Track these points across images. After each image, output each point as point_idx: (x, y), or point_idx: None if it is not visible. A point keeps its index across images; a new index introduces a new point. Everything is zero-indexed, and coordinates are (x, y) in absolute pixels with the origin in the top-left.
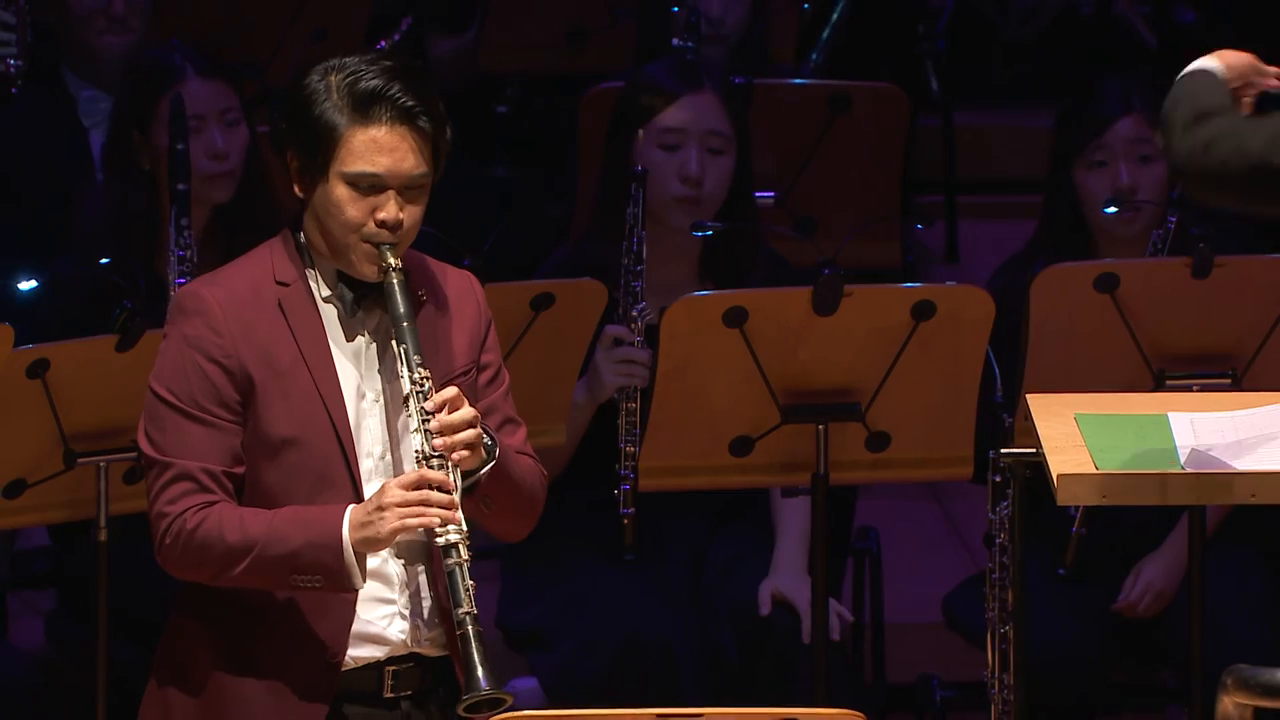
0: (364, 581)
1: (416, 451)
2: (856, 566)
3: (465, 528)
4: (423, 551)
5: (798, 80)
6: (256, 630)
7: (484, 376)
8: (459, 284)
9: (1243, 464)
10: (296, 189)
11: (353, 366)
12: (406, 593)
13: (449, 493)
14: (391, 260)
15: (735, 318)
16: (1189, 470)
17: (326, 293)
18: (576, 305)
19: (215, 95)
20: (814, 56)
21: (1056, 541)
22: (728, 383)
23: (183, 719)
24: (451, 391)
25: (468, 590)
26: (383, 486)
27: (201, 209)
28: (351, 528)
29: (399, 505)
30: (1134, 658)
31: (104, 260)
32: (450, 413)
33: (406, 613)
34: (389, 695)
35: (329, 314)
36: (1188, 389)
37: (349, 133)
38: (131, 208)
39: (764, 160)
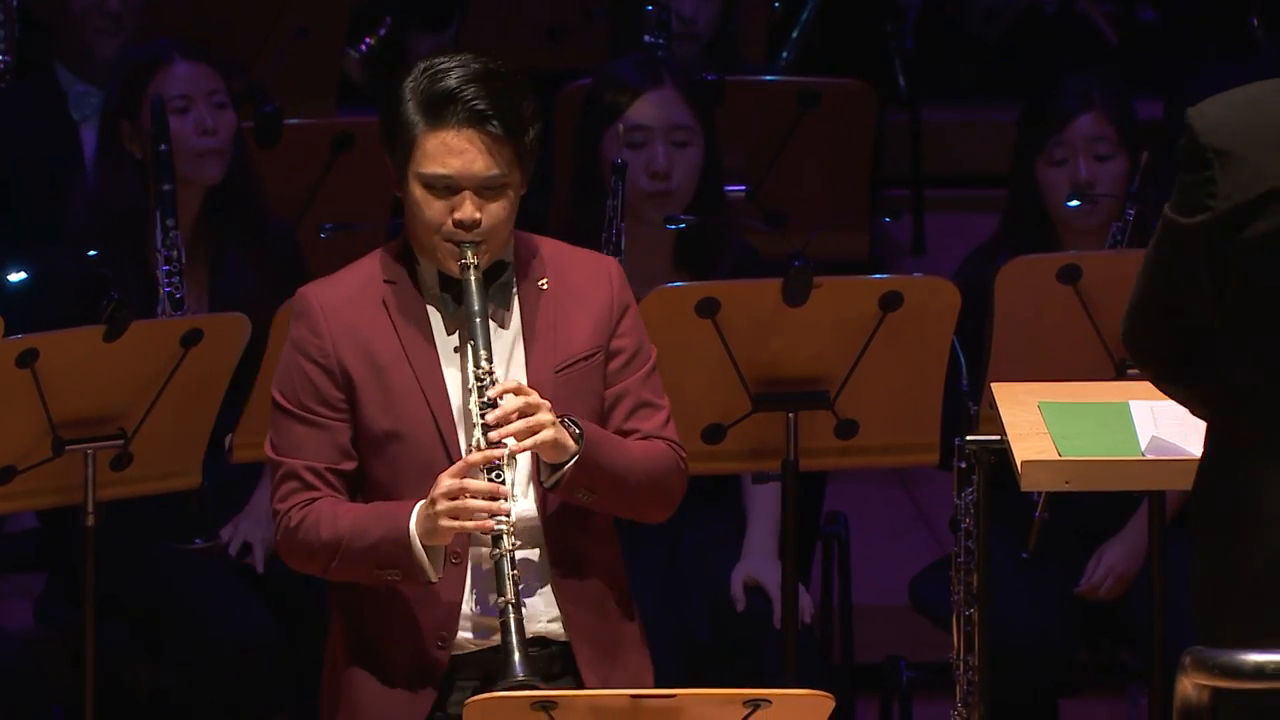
0: (438, 574)
1: (473, 444)
2: (825, 551)
3: (513, 517)
4: (536, 535)
5: (768, 77)
6: (374, 619)
7: (617, 361)
8: (594, 268)
9: (1200, 450)
10: (395, 188)
11: (458, 361)
12: (522, 576)
13: (498, 482)
14: (470, 258)
15: (707, 308)
16: (1149, 457)
17: (433, 290)
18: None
19: (202, 77)
20: (784, 54)
21: (1020, 526)
22: (700, 372)
23: (330, 706)
24: (511, 384)
25: (511, 578)
26: (436, 480)
27: (193, 194)
28: (418, 521)
29: (445, 497)
30: (1095, 639)
31: (92, 252)
32: (508, 403)
33: (523, 597)
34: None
35: (434, 312)
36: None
37: (422, 135)
38: (121, 199)
39: (735, 155)
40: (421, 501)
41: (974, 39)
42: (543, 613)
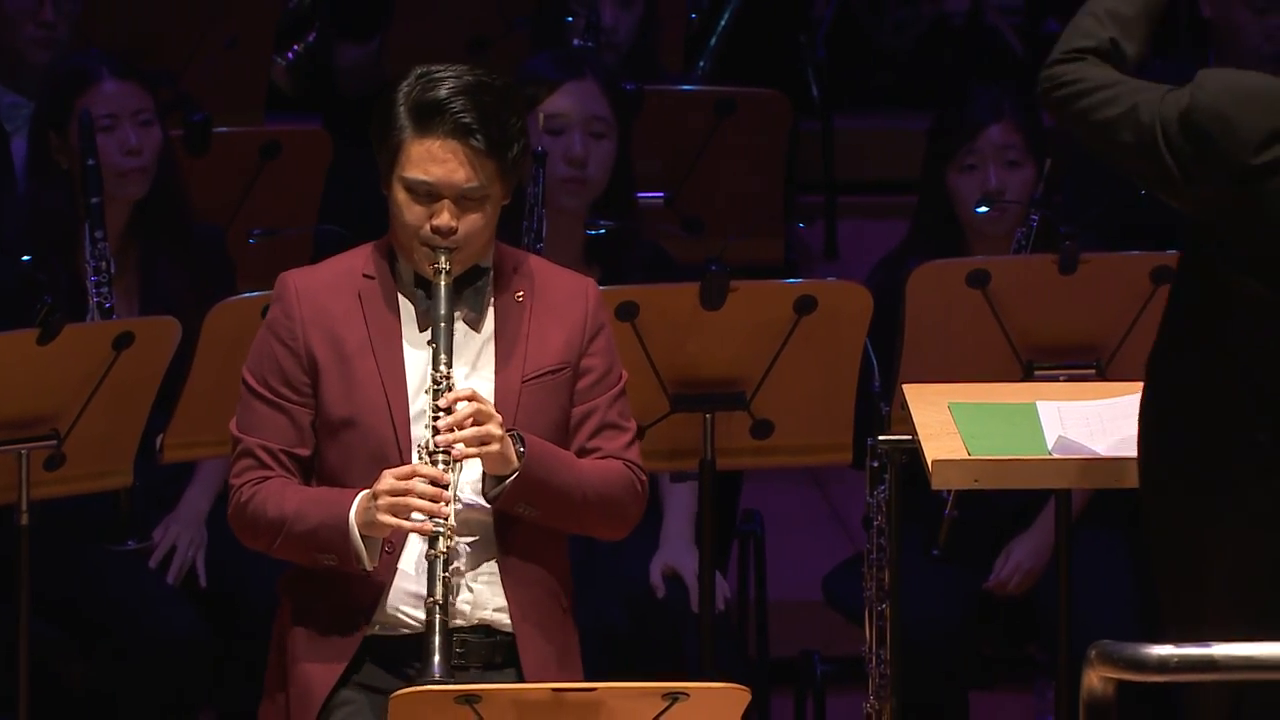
0: (374, 563)
1: (419, 445)
2: (741, 548)
3: (453, 522)
4: (486, 528)
5: (686, 86)
6: (308, 590)
7: (586, 380)
8: (573, 287)
9: (1106, 449)
10: (383, 187)
11: (425, 359)
12: (471, 565)
13: (441, 485)
14: (443, 263)
15: (626, 312)
16: (1056, 456)
17: (408, 288)
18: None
19: (129, 95)
20: (701, 64)
21: (931, 524)
22: None
23: (273, 678)
24: (465, 391)
25: (442, 580)
26: (380, 475)
27: (120, 207)
28: (357, 511)
29: (389, 494)
30: (1004, 633)
31: (26, 258)
32: (459, 410)
33: (470, 584)
34: (456, 664)
35: (408, 308)
36: (1055, 379)
37: (409, 141)
38: (50, 207)
39: (653, 162)
40: (364, 492)
41: (885, 50)
42: (489, 601)
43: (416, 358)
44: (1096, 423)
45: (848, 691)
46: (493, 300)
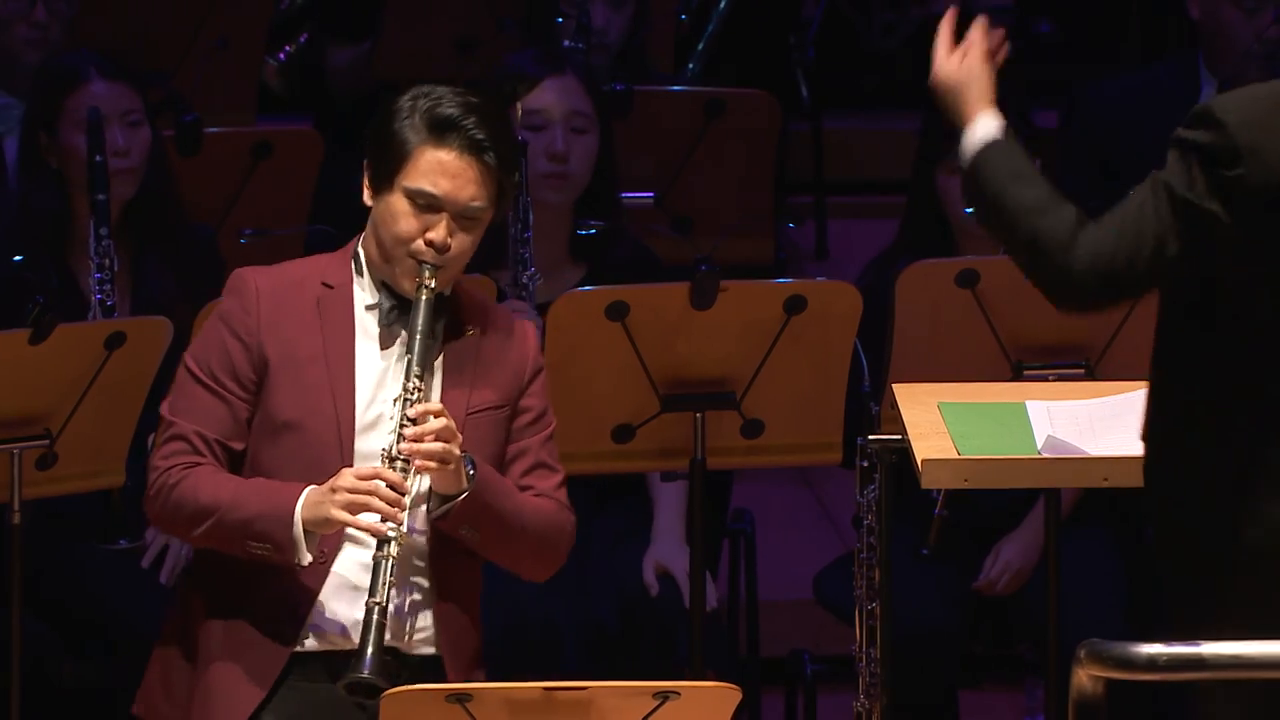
0: (310, 558)
1: (383, 450)
2: (732, 547)
3: (405, 530)
4: (406, 549)
5: (675, 87)
6: (230, 601)
7: (522, 419)
8: (516, 329)
9: (1095, 449)
10: (366, 196)
11: (377, 373)
12: (405, 588)
13: (400, 493)
14: (429, 280)
15: (617, 311)
16: (1045, 455)
17: (369, 301)
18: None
19: (118, 96)
20: (691, 65)
21: (920, 523)
22: (610, 373)
23: (162, 675)
24: (435, 406)
25: (386, 584)
26: (339, 472)
27: (111, 204)
28: (305, 505)
29: (348, 490)
30: (993, 633)
31: (18, 258)
32: (427, 423)
33: (394, 608)
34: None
35: (365, 321)
36: (1044, 379)
37: (419, 150)
38: (41, 208)
39: (643, 163)
40: (312, 486)
41: (874, 51)
42: (415, 628)
43: (368, 372)
44: (1085, 422)
45: (838, 690)
46: (445, 331)
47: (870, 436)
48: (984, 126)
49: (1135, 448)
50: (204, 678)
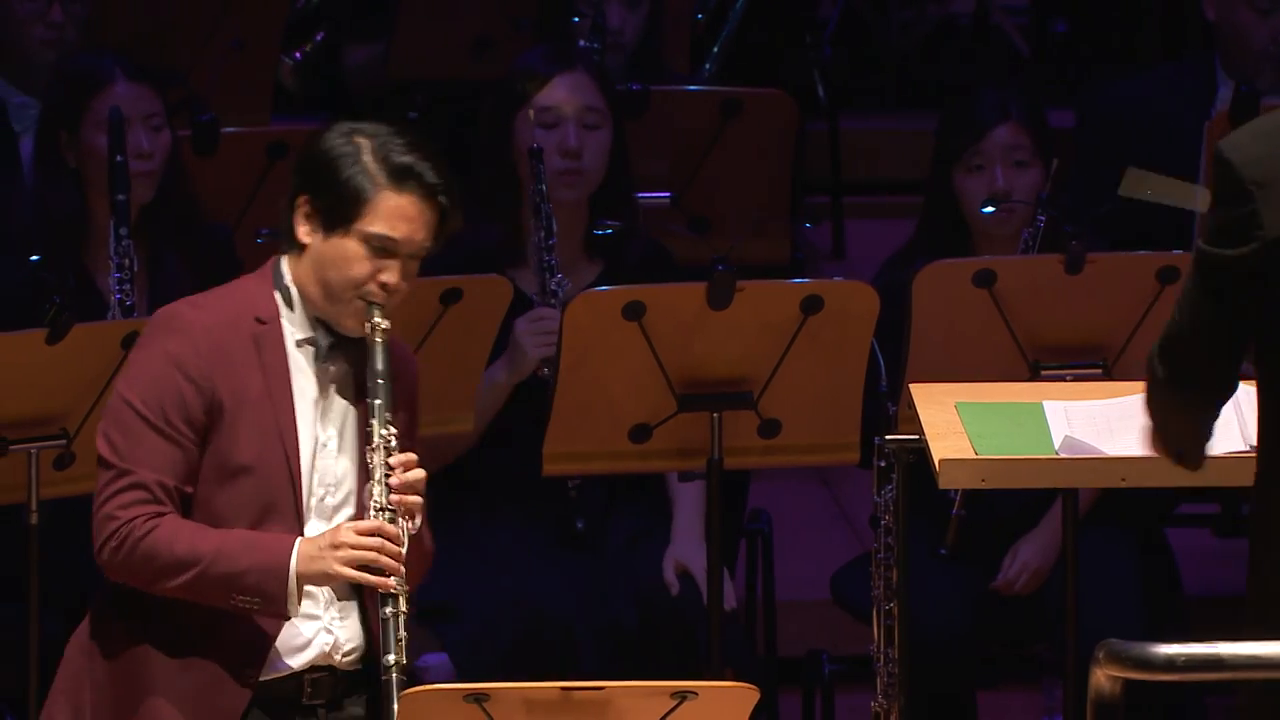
0: (298, 611)
1: (374, 502)
2: (749, 547)
3: (406, 584)
4: (352, 586)
5: (692, 87)
6: (178, 640)
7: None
8: (402, 358)
9: (1113, 449)
10: (302, 233)
11: (313, 410)
12: (332, 609)
13: (399, 545)
14: (379, 320)
15: (633, 311)
16: (1063, 455)
17: (299, 336)
18: (483, 300)
19: (141, 99)
20: (707, 65)
21: (938, 523)
22: (627, 373)
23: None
24: (413, 456)
25: (400, 642)
26: (338, 527)
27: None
28: (300, 559)
29: (353, 547)
30: (1011, 633)
31: (35, 258)
32: (410, 473)
33: (331, 628)
34: (306, 702)
35: (297, 358)
36: (1061, 379)
37: (380, 196)
38: (59, 207)
39: (660, 163)
40: (303, 539)
41: (891, 50)
42: (348, 648)
43: (305, 411)
44: (1103, 422)
45: (856, 690)
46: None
47: (887, 436)
48: None
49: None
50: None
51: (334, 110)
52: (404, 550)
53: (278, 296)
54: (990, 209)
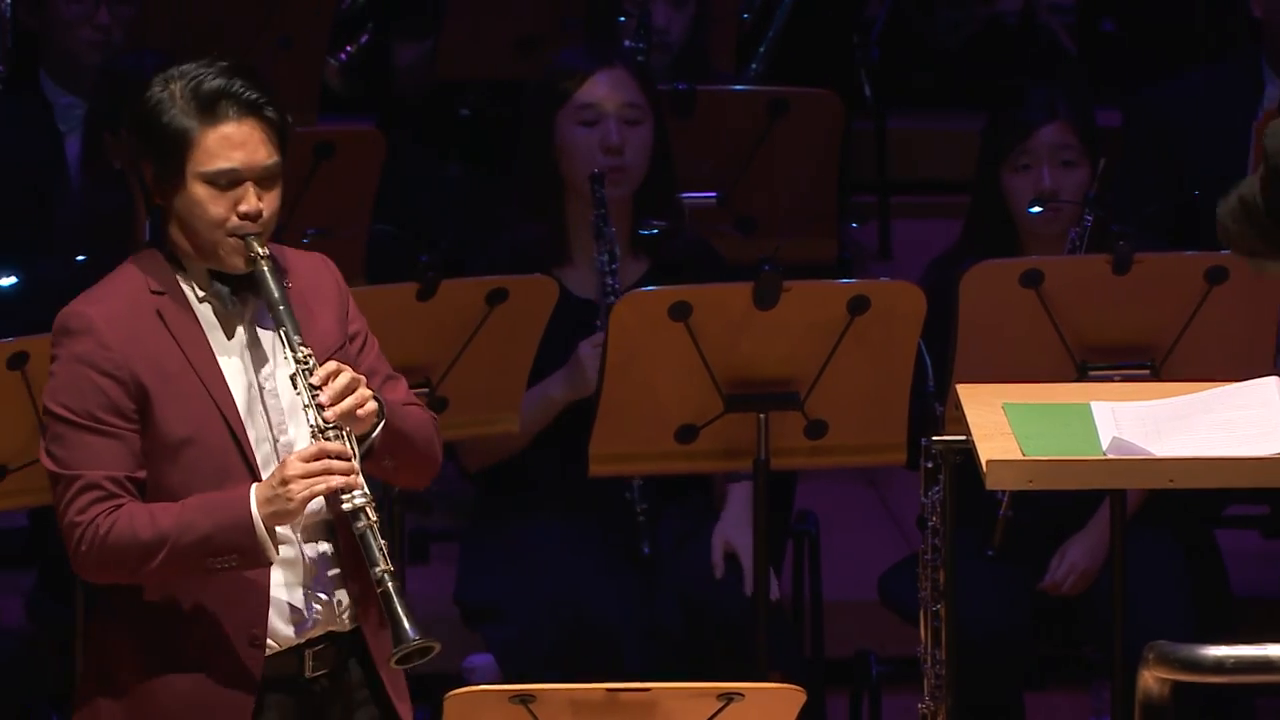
0: (277, 554)
1: (311, 426)
2: (796, 548)
3: (369, 491)
4: (326, 530)
5: (738, 87)
6: (176, 625)
7: (355, 344)
8: (312, 262)
9: (1161, 450)
10: (157, 198)
11: (238, 359)
12: (316, 571)
13: (348, 459)
14: (259, 249)
15: (680, 312)
16: (1110, 456)
17: (201, 294)
18: (528, 300)
19: None
20: (754, 65)
21: (985, 524)
22: (673, 373)
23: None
24: (332, 365)
25: (381, 549)
26: (283, 461)
27: None
28: (259, 504)
29: (302, 476)
30: (1059, 634)
31: (81, 258)
32: (335, 383)
33: (320, 592)
34: (309, 676)
35: (206, 314)
36: (1109, 379)
37: (200, 134)
38: (104, 207)
39: (706, 163)
40: (256, 485)
41: (937, 50)
42: (343, 607)
43: (231, 363)
44: (1151, 423)
45: (903, 691)
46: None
47: (934, 437)
48: None
49: (1201, 449)
50: (171, 713)
51: (380, 110)
52: (356, 461)
53: (167, 265)
54: (1037, 209)
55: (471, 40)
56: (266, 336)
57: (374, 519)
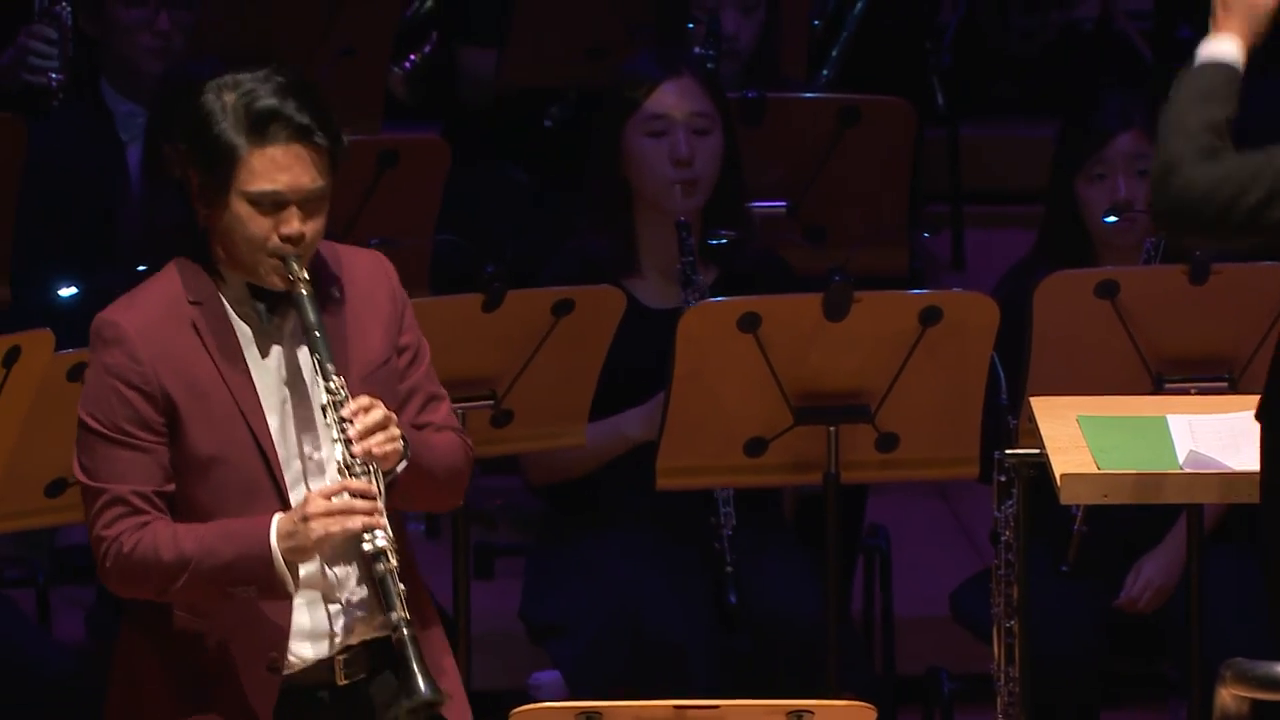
0: (297, 588)
1: (338, 461)
2: (867, 563)
3: (391, 533)
4: (354, 551)
5: (809, 94)
6: (198, 644)
7: (404, 357)
8: (370, 268)
9: (1238, 464)
10: (200, 207)
11: (273, 376)
12: (344, 590)
13: (371, 499)
14: (298, 272)
15: (748, 323)
16: (1187, 470)
17: (240, 306)
18: (596, 311)
19: None
20: (824, 72)
21: (1059, 539)
22: (742, 386)
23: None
24: (365, 400)
25: (399, 595)
26: (305, 497)
27: None
28: (279, 537)
29: (323, 515)
30: (1135, 652)
31: (141, 267)
32: (366, 419)
33: (348, 609)
34: (343, 683)
35: (242, 328)
36: (1185, 392)
37: (247, 153)
38: (166, 217)
39: (776, 171)
40: (279, 516)
41: (1011, 56)
42: (374, 619)
43: (266, 379)
44: (1228, 436)
45: (976, 710)
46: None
47: (1008, 450)
48: (1223, 46)
49: None
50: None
51: (445, 118)
52: (380, 500)
53: (206, 275)
54: (1113, 218)
55: (539, 48)
56: (304, 352)
57: (394, 564)
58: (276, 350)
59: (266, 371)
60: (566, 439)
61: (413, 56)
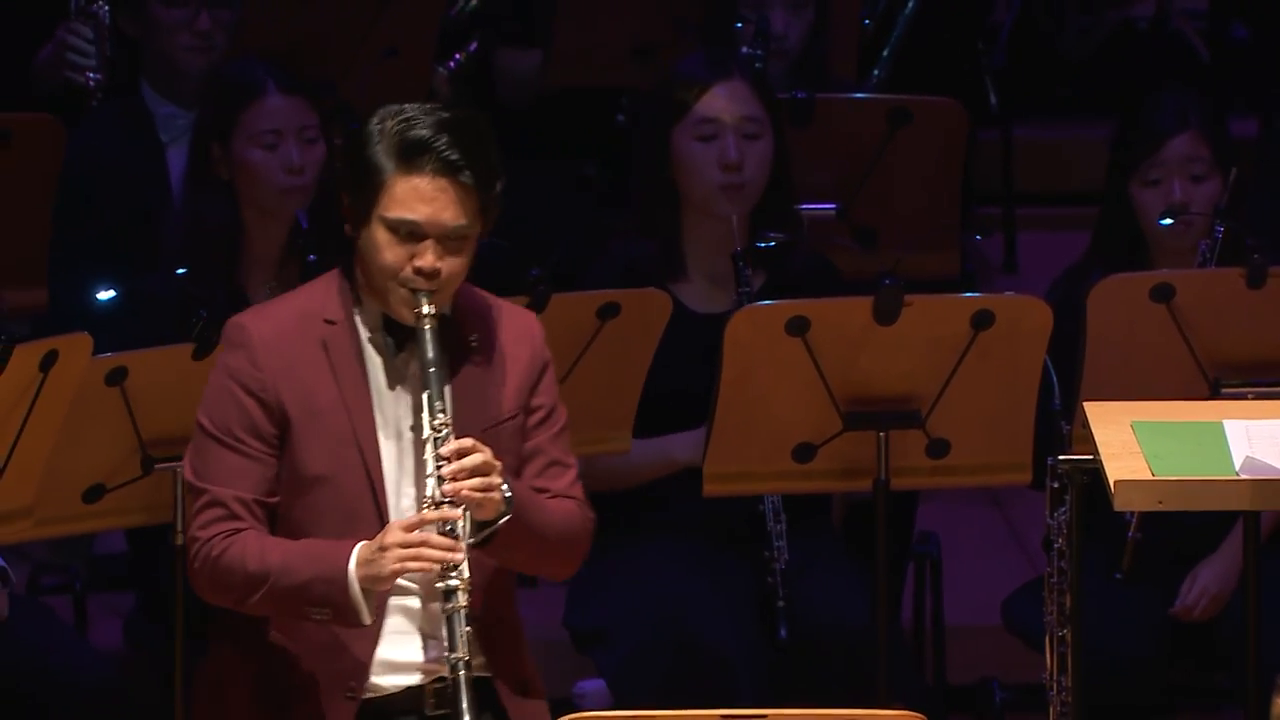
0: (371, 617)
1: (427, 496)
2: (918, 571)
3: (467, 574)
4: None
5: (859, 95)
6: (282, 662)
7: (533, 418)
8: (518, 326)
9: None
10: (347, 227)
11: (393, 407)
12: (432, 622)
13: (453, 536)
14: (425, 307)
15: (797, 327)
16: (1244, 477)
17: (372, 333)
18: (641, 315)
19: (295, 111)
20: (876, 72)
21: (1113, 546)
22: (790, 390)
23: None
24: (468, 442)
25: (464, 637)
26: (387, 527)
27: (279, 224)
28: (358, 564)
29: (399, 546)
30: (1190, 660)
31: (181, 270)
32: (463, 460)
33: (435, 640)
34: (432, 714)
35: (373, 356)
36: (1243, 397)
37: (392, 179)
38: (210, 219)
39: (825, 173)
40: (362, 543)
41: (1066, 57)
42: (474, 657)
43: (389, 407)
44: None
45: None
46: (449, 344)
47: (1061, 456)
48: None
49: None
50: None
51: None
52: (462, 541)
53: (348, 296)
54: (1168, 221)
55: (584, 48)
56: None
57: (464, 604)
58: (403, 385)
59: (389, 402)
60: (612, 445)
61: (457, 56)
